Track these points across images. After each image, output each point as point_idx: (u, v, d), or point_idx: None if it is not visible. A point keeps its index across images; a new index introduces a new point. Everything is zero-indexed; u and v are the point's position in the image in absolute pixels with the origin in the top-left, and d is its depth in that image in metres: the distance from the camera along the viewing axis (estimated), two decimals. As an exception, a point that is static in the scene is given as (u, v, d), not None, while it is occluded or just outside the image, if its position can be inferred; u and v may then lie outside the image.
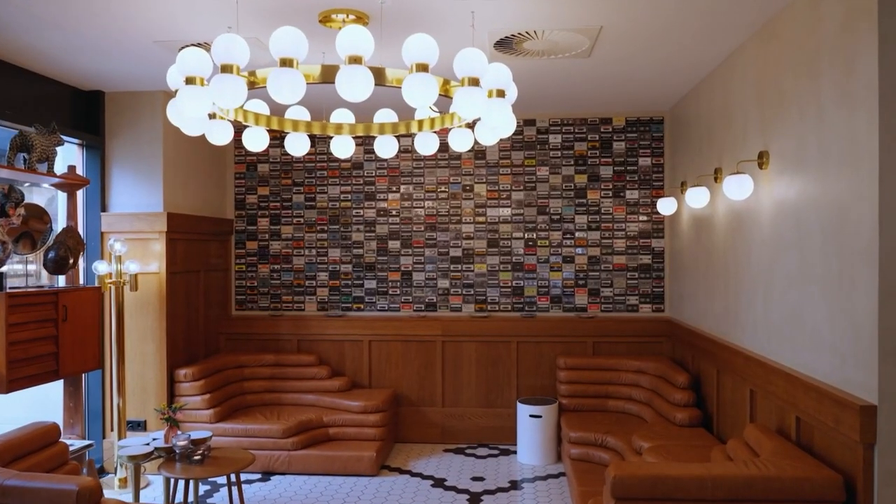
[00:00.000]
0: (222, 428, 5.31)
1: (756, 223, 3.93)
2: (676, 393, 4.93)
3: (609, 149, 6.21)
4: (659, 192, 6.16)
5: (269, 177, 6.52)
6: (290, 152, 4.14)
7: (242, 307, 6.55)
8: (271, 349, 6.30)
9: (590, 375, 5.73)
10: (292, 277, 6.49)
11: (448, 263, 6.33)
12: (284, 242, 6.50)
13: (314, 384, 5.96)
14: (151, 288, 5.31)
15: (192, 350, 5.82)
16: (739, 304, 4.21)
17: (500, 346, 6.10)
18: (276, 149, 6.49)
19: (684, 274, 5.60)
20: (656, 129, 6.17)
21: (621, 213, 6.20)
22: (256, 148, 4.01)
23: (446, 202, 6.33)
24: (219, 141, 3.76)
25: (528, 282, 6.26)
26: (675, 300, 5.92)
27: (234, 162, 6.55)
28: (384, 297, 6.40)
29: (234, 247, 6.56)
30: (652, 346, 5.98)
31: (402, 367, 6.20)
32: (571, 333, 6.01)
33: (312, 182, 6.47)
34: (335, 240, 6.44)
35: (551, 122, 6.26)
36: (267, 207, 6.52)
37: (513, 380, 6.09)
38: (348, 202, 6.43)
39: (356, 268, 6.42)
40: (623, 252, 6.20)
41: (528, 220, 6.26)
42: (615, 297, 6.21)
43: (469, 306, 6.32)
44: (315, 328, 6.23)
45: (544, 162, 6.26)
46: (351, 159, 6.42)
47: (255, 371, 5.99)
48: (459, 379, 6.14)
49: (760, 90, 3.87)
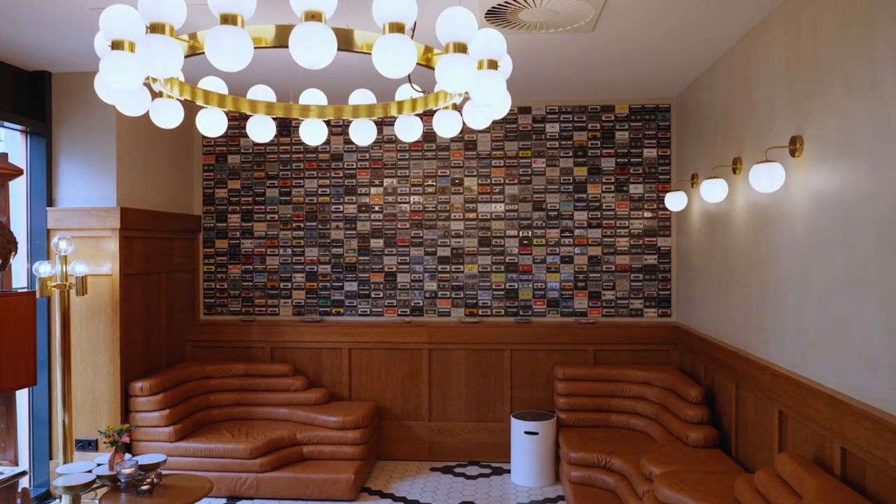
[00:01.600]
0: (183, 448, 4.76)
1: (786, 219, 3.42)
2: (688, 409, 4.42)
3: (611, 139, 5.70)
4: (665, 187, 5.65)
5: (240, 169, 5.97)
6: (253, 138, 3.59)
7: (211, 311, 6.00)
8: (242, 357, 5.75)
9: (590, 387, 5.22)
10: (265, 279, 5.95)
11: (435, 264, 5.81)
12: (257, 241, 5.96)
13: (288, 397, 5.42)
14: (103, 291, 4.76)
15: (152, 360, 5.26)
16: (764, 311, 3.71)
17: (492, 354, 5.58)
18: (248, 138, 5.94)
19: (694, 275, 5.09)
20: (662, 118, 5.66)
21: (624, 209, 5.69)
22: (212, 132, 3.45)
23: (434, 197, 5.81)
24: (166, 123, 3.19)
25: (523, 284, 5.74)
26: (684, 304, 5.42)
27: (201, 153, 6.00)
28: (366, 301, 5.87)
29: (203, 245, 6.00)
30: (658, 354, 5.48)
31: (385, 377, 5.67)
32: (570, 341, 5.49)
33: (288, 175, 5.93)
34: (312, 238, 5.90)
35: (548, 110, 5.74)
36: (238, 202, 5.97)
37: (506, 391, 5.57)
38: (327, 197, 5.89)
39: (335, 269, 5.89)
40: (626, 251, 5.69)
41: (522, 217, 5.74)
42: (618, 300, 5.70)
43: (458, 311, 5.80)
44: (290, 335, 5.69)
45: (540, 153, 5.74)
46: (329, 150, 5.88)
47: (222, 382, 5.45)
48: (448, 390, 5.62)
49: (792, 65, 3.36)
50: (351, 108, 3.51)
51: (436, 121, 3.47)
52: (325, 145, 5.89)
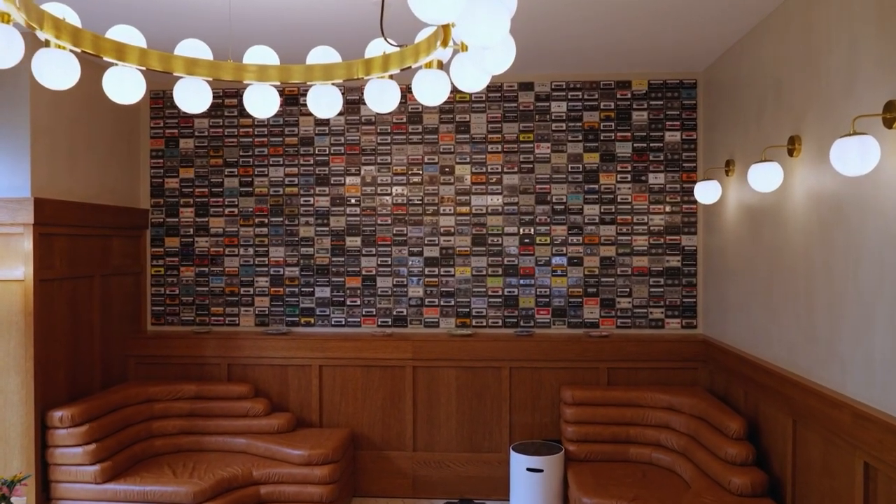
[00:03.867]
0: (112, 491, 3.91)
1: (874, 215, 2.59)
2: (728, 445, 3.60)
3: (627, 120, 4.86)
4: (690, 176, 4.83)
5: (193, 155, 5.11)
6: (181, 107, 2.72)
7: (160, 321, 5.14)
8: (194, 376, 4.90)
9: (605, 413, 4.39)
10: (223, 284, 5.10)
11: (422, 266, 4.97)
12: (214, 239, 5.10)
13: (246, 423, 4.57)
14: (13, 301, 3.90)
15: (81, 382, 4.40)
16: (838, 332, 2.89)
17: (487, 372, 4.75)
18: (203, 119, 5.08)
19: (729, 280, 4.27)
20: (687, 95, 4.83)
21: (643, 203, 4.86)
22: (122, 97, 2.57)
23: (420, 188, 4.97)
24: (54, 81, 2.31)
25: (524, 290, 4.91)
26: (714, 314, 4.60)
27: (149, 136, 5.13)
28: (340, 310, 5.02)
29: (150, 244, 5.14)
30: (683, 374, 4.66)
31: (362, 399, 4.83)
32: (579, 357, 4.66)
33: (249, 162, 5.07)
34: (278, 236, 5.06)
35: (554, 86, 4.90)
36: (192, 194, 5.11)
37: (504, 417, 4.74)
38: (295, 188, 5.04)
39: (305, 271, 5.04)
40: (645, 252, 4.86)
41: (524, 212, 4.91)
42: (634, 309, 4.87)
43: (448, 321, 4.96)
44: (251, 349, 4.84)
45: (545, 137, 4.90)
46: (297, 132, 5.02)
47: (168, 407, 4.59)
48: (435, 415, 4.78)
49: (886, 8, 2.54)
50: (303, 70, 2.68)
51: (417, 83, 2.62)
52: (292, 127, 5.04)
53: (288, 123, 5.03)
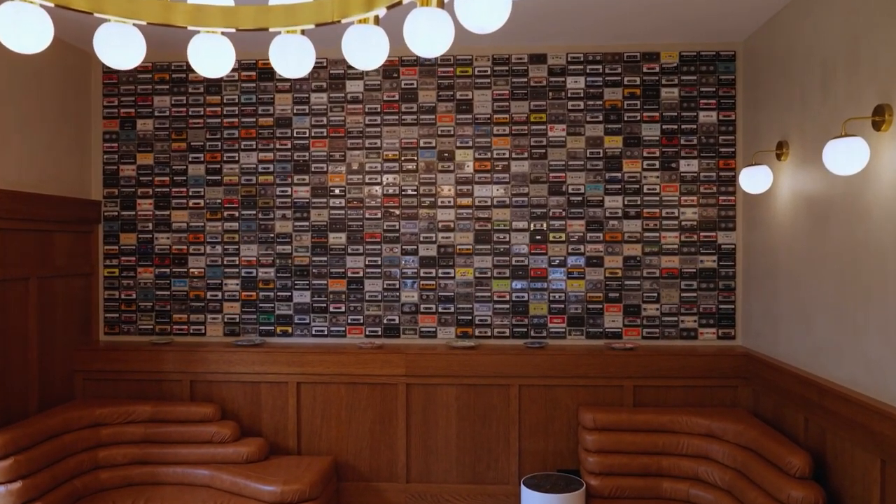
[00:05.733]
0: (40, 539, 3.23)
1: None
2: (790, 485, 2.94)
3: (655, 98, 4.20)
4: (728, 163, 4.17)
5: (153, 139, 4.42)
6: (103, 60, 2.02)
7: (115, 330, 4.45)
8: (152, 395, 4.22)
9: (632, 441, 3.73)
10: (187, 287, 4.41)
11: (417, 267, 4.30)
12: (176, 235, 4.42)
13: (210, 452, 3.89)
14: (-81, 309, 3.21)
15: (12, 405, 3.71)
16: (957, 353, 2.22)
17: (493, 391, 4.08)
18: (164, 97, 4.40)
19: (779, 284, 3.61)
20: (725, 69, 4.18)
21: (673, 193, 4.20)
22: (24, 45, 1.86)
23: (414, 176, 4.30)
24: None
25: (536, 295, 4.25)
26: (756, 323, 3.94)
27: (101, 116, 4.45)
28: (322, 317, 4.35)
29: (103, 241, 4.46)
30: (721, 393, 3.99)
31: (347, 422, 4.15)
32: (601, 373, 4.00)
33: (217, 146, 4.39)
34: (251, 231, 4.38)
35: (570, 59, 4.24)
36: (151, 184, 4.43)
37: (512, 443, 4.07)
38: (270, 176, 4.37)
39: (281, 273, 4.36)
40: (675, 250, 4.20)
41: (535, 204, 4.24)
42: (663, 317, 4.21)
43: (448, 331, 4.29)
44: (218, 363, 4.16)
45: (559, 117, 4.24)
46: (273, 112, 4.35)
47: (119, 432, 3.91)
48: (432, 441, 4.11)
49: None
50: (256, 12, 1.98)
51: (410, 25, 1.92)
52: (267, 106, 4.36)
53: (262, 102, 4.36)
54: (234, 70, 4.37)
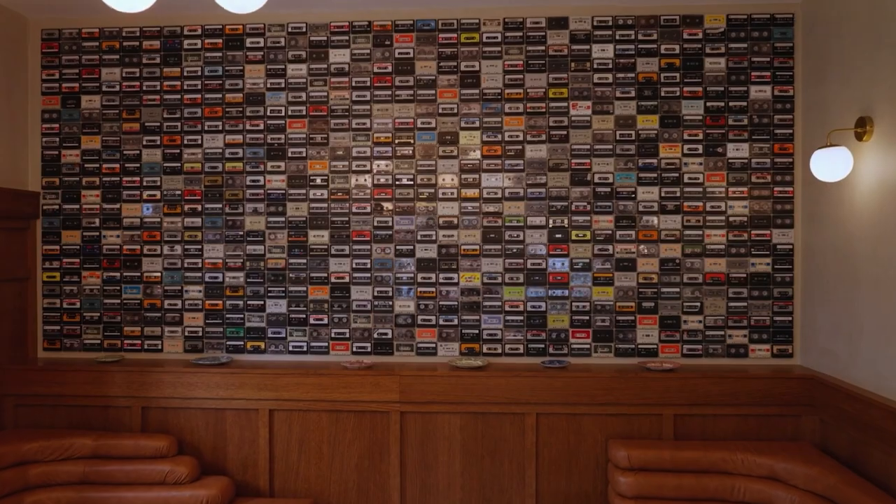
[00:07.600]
0: None
1: None
2: (894, 557, 2.27)
3: (698, 70, 3.53)
4: (785, 147, 3.50)
5: (100, 118, 3.73)
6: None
7: (55, 345, 3.76)
8: (96, 424, 3.53)
9: (677, 484, 3.05)
10: (141, 294, 3.72)
11: (413, 270, 3.62)
12: (128, 233, 3.73)
13: (164, 496, 3.20)
14: None
15: (-84, 439, 3.03)
16: None
17: (504, 421, 3.39)
18: (114, 68, 3.71)
19: (860, 294, 2.94)
20: (781, 36, 3.50)
21: (719, 183, 3.53)
22: None
23: (410, 163, 3.62)
24: None
25: (555, 305, 3.57)
26: (822, 339, 3.27)
27: (39, 91, 3.76)
28: (300, 331, 3.66)
29: (41, 240, 3.77)
30: (779, 423, 3.32)
31: (330, 457, 3.46)
32: (634, 399, 3.32)
33: (176, 127, 3.70)
34: (216, 228, 3.69)
35: (597, 23, 3.56)
36: (98, 172, 3.74)
37: (528, 483, 3.38)
38: (238, 162, 3.68)
39: (252, 278, 3.68)
40: (721, 252, 3.53)
41: (553, 196, 3.56)
42: (707, 330, 3.54)
43: (450, 347, 3.61)
44: (175, 385, 3.47)
45: (583, 93, 3.56)
46: (242, 87, 3.66)
47: (51, 471, 3.22)
48: (432, 480, 3.43)
49: None
50: None
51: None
52: (235, 80, 3.67)
53: (230, 74, 3.67)
54: (196, 36, 3.68)
